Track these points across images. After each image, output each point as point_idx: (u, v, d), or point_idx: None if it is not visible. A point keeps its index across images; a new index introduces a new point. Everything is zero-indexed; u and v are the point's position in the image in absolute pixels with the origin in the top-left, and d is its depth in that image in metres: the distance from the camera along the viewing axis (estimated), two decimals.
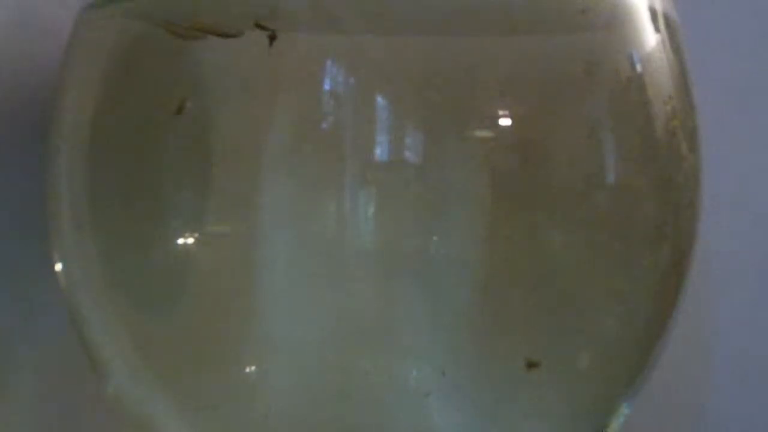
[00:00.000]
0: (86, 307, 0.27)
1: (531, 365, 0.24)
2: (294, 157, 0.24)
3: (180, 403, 0.26)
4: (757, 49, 0.43)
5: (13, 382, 0.33)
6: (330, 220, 0.24)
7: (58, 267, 0.27)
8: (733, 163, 0.42)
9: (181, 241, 0.25)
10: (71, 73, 0.27)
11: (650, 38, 0.26)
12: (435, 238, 0.24)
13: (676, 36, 0.27)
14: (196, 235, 0.25)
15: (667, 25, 0.27)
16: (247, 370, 0.25)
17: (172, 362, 0.26)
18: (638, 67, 0.25)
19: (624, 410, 0.27)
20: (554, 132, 0.24)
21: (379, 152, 0.23)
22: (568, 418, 0.26)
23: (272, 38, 0.23)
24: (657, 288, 0.26)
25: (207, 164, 0.24)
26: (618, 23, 0.25)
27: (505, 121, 0.24)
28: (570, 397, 0.26)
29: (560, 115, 0.24)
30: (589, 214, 0.25)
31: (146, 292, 0.26)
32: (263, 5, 0.24)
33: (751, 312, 0.43)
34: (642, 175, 0.25)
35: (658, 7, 0.26)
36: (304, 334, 0.24)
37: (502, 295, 0.24)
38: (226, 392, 0.25)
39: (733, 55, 0.42)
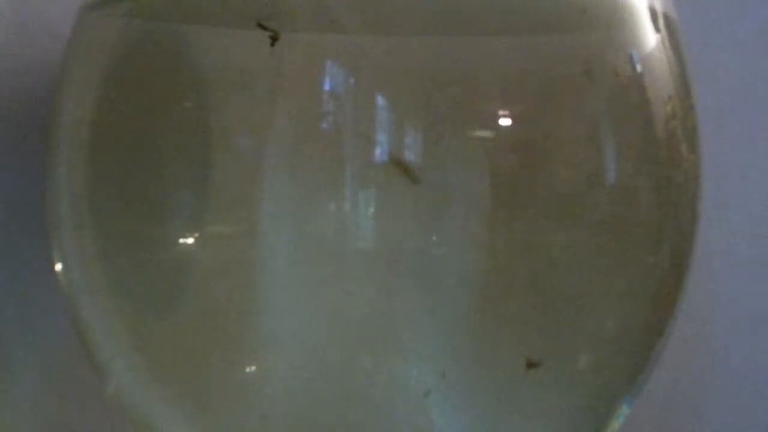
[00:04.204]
0: (86, 307, 0.27)
1: (531, 365, 0.24)
2: (294, 157, 0.24)
3: (180, 402, 0.26)
4: (757, 49, 0.43)
5: (13, 382, 0.33)
6: (330, 220, 0.24)
7: (58, 267, 0.27)
8: (733, 163, 0.42)
9: (181, 241, 0.25)
10: (71, 73, 0.27)
11: (650, 38, 0.26)
12: (435, 238, 0.24)
13: (676, 36, 0.27)
14: (196, 235, 0.25)
15: (667, 25, 0.27)
16: (247, 370, 0.25)
17: (172, 362, 0.26)
18: (638, 67, 0.25)
19: (624, 410, 0.27)
20: (554, 132, 0.24)
21: (379, 152, 0.23)
22: (568, 418, 0.26)
23: (274, 39, 0.23)
24: (657, 288, 0.26)
25: (207, 164, 0.24)
26: (618, 23, 0.25)
27: (505, 121, 0.24)
28: (570, 397, 0.26)
29: (560, 115, 0.24)
30: (589, 214, 0.25)
31: (146, 292, 0.26)
32: (264, 5, 0.24)
33: (751, 312, 0.43)
34: (642, 175, 0.25)
35: (658, 7, 0.26)
36: (304, 334, 0.24)
37: (502, 295, 0.24)
38: (226, 392, 0.25)
39: (733, 55, 0.42)
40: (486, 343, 0.25)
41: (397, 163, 0.22)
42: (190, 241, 0.25)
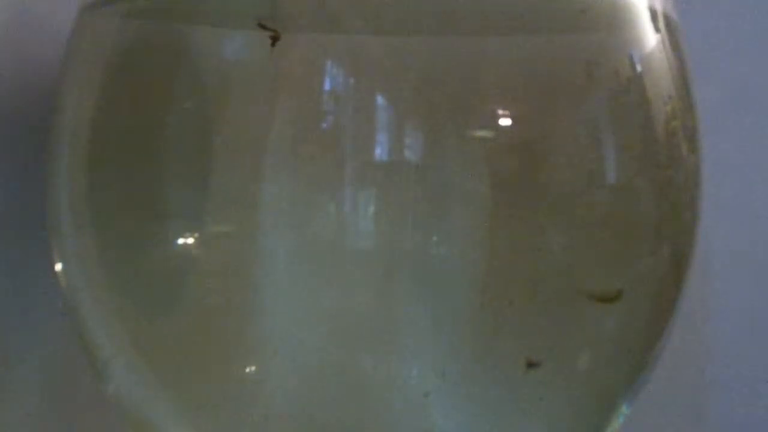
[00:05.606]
0: (86, 307, 0.27)
1: (531, 365, 0.24)
2: (294, 157, 0.24)
3: (180, 403, 0.26)
4: (757, 49, 0.43)
5: (13, 382, 0.33)
6: (330, 220, 0.24)
7: (58, 267, 0.27)
8: (733, 163, 0.42)
9: (181, 241, 0.25)
10: (71, 73, 0.27)
11: (650, 38, 0.26)
12: (435, 238, 0.24)
13: (676, 36, 0.27)
14: (196, 235, 0.25)
15: (667, 25, 0.27)
16: (247, 370, 0.25)
17: (172, 362, 0.26)
18: (638, 68, 0.25)
19: (624, 410, 0.27)
20: (554, 132, 0.24)
21: (379, 152, 0.23)
22: (568, 418, 0.26)
23: (275, 39, 0.23)
24: (657, 288, 0.26)
25: (207, 164, 0.24)
26: (618, 23, 0.25)
27: (505, 121, 0.24)
28: (570, 397, 0.26)
29: (560, 115, 0.24)
30: (589, 214, 0.25)
31: (146, 291, 0.26)
32: (264, 5, 0.24)
33: (751, 312, 0.43)
34: (642, 175, 0.25)
35: (658, 7, 0.26)
36: (304, 334, 0.24)
37: (502, 294, 0.24)
38: (226, 392, 0.25)
39: (733, 55, 0.42)
40: (486, 343, 0.25)
41: None
42: (190, 241, 0.25)
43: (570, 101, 0.24)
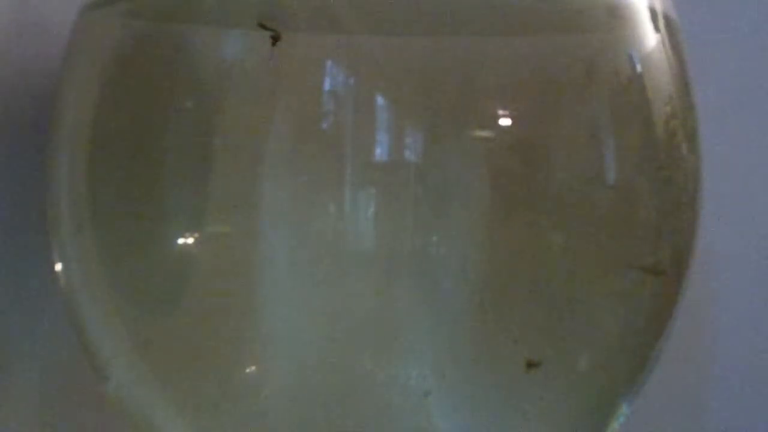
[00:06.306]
0: (86, 307, 0.27)
1: (531, 365, 0.24)
2: (294, 157, 0.24)
3: (180, 403, 0.26)
4: (757, 49, 0.43)
5: (13, 382, 0.33)
6: (330, 220, 0.24)
7: (58, 267, 0.27)
8: (733, 163, 0.42)
9: (181, 241, 0.25)
10: (71, 73, 0.27)
11: (650, 38, 0.26)
12: (435, 238, 0.24)
13: (676, 36, 0.27)
14: (196, 235, 0.25)
15: (667, 25, 0.27)
16: (247, 370, 0.25)
17: (172, 362, 0.26)
18: (638, 68, 0.25)
19: (624, 410, 0.27)
20: (554, 132, 0.24)
21: (379, 152, 0.23)
22: (568, 418, 0.26)
23: (275, 39, 0.23)
24: (657, 288, 0.26)
25: (207, 164, 0.24)
26: (618, 23, 0.25)
27: (505, 122, 0.24)
28: (570, 397, 0.26)
29: (560, 116, 0.24)
30: (589, 214, 0.25)
31: (146, 291, 0.26)
32: (264, 5, 0.24)
33: (751, 312, 0.43)
34: (642, 175, 0.25)
35: (658, 7, 0.26)
36: (304, 334, 0.25)
37: (502, 295, 0.24)
38: (226, 392, 0.25)
39: (733, 55, 0.42)
40: (486, 343, 0.25)
41: None
42: (190, 241, 0.25)
43: (570, 101, 0.24)
